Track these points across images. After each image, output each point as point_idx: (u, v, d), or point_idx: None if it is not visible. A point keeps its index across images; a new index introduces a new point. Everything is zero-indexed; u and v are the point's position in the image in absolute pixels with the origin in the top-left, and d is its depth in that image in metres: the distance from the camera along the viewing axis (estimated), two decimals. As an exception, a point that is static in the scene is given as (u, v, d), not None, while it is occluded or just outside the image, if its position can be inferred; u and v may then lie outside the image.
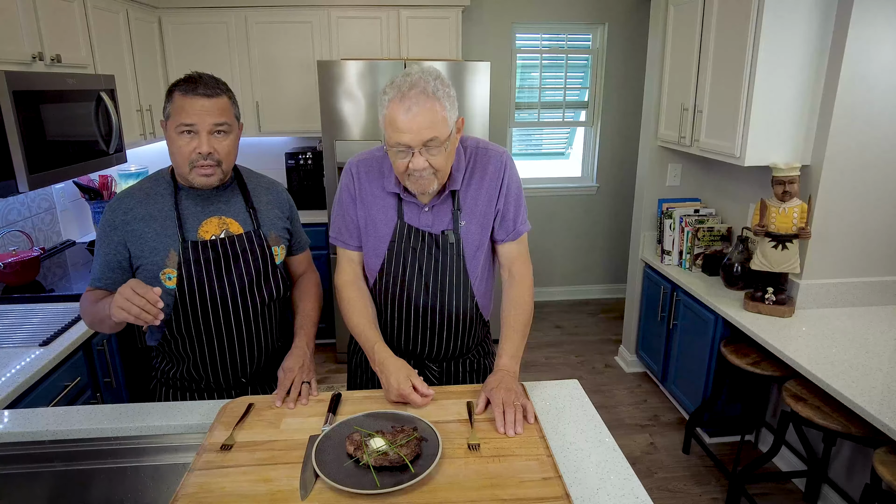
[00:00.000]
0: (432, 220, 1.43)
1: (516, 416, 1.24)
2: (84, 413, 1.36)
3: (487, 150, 1.45)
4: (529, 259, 1.53)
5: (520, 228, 1.48)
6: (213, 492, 1.05)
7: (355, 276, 1.51)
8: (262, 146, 4.03)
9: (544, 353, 3.83)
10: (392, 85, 1.26)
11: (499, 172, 1.43)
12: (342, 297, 1.49)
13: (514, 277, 1.50)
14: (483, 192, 1.43)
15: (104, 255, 1.39)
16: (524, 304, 1.47)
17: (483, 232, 1.45)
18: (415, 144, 1.24)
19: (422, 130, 1.23)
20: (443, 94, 1.25)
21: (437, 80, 1.25)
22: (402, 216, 1.43)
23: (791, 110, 2.31)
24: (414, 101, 1.22)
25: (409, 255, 1.44)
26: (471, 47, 4.08)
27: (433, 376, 1.58)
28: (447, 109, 1.26)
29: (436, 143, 1.25)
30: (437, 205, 1.42)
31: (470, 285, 1.47)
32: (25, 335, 1.89)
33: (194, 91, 1.29)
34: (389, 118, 1.25)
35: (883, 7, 2.10)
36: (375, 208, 1.44)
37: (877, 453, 1.69)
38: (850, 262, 2.38)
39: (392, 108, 1.24)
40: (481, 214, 1.44)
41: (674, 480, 2.57)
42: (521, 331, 1.45)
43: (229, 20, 3.50)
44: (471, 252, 1.45)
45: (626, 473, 1.14)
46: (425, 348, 1.54)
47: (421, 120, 1.22)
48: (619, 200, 4.55)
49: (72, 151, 2.32)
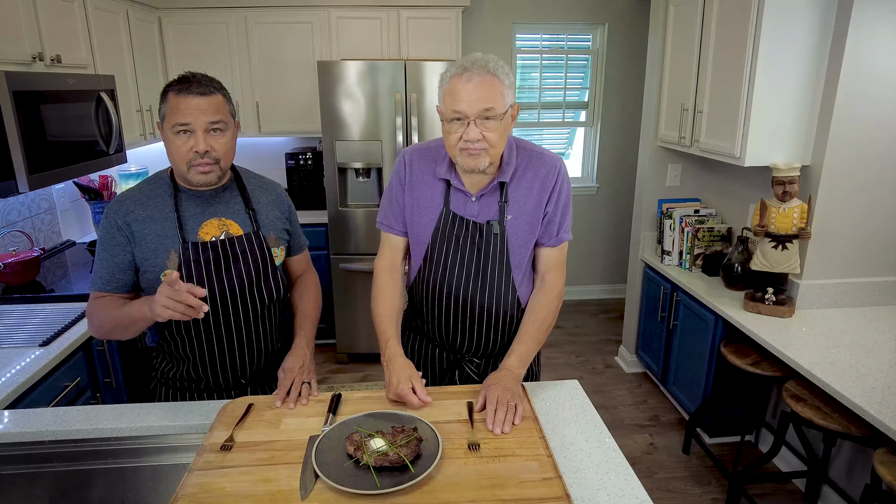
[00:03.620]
0: (478, 210, 1.43)
1: (507, 415, 1.24)
2: (84, 413, 1.36)
3: (543, 154, 1.47)
4: (565, 270, 1.53)
5: (562, 236, 1.49)
6: (213, 492, 1.05)
7: (393, 264, 1.52)
8: (262, 146, 4.04)
9: (544, 353, 3.82)
10: (455, 64, 1.32)
11: (552, 176, 1.44)
12: (376, 281, 1.51)
13: (545, 284, 1.50)
14: (534, 193, 1.44)
15: (111, 258, 1.38)
16: (548, 312, 1.47)
17: (530, 231, 1.46)
18: (471, 113, 1.27)
19: (479, 100, 1.27)
20: (503, 73, 1.30)
21: (499, 62, 1.31)
22: (449, 203, 1.44)
23: (791, 110, 2.31)
24: (475, 73, 1.27)
25: (452, 243, 1.45)
26: (471, 47, 4.07)
27: (472, 372, 1.58)
28: (505, 87, 1.30)
29: (492, 113, 1.28)
30: (484, 195, 1.43)
31: (512, 280, 1.48)
32: (25, 335, 1.89)
33: (188, 90, 1.29)
34: (449, 90, 1.30)
35: (883, 7, 2.10)
36: (424, 194, 1.46)
37: (877, 453, 1.69)
38: (850, 262, 2.38)
39: (453, 81, 1.30)
40: (529, 213, 1.44)
41: (674, 481, 2.57)
42: (537, 337, 1.45)
43: (229, 20, 3.50)
44: (515, 247, 1.45)
45: (626, 473, 1.14)
46: (464, 343, 1.55)
47: (480, 91, 1.27)
48: (619, 200, 4.55)
49: (72, 152, 2.32)
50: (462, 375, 1.59)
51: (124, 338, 1.40)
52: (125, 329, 1.36)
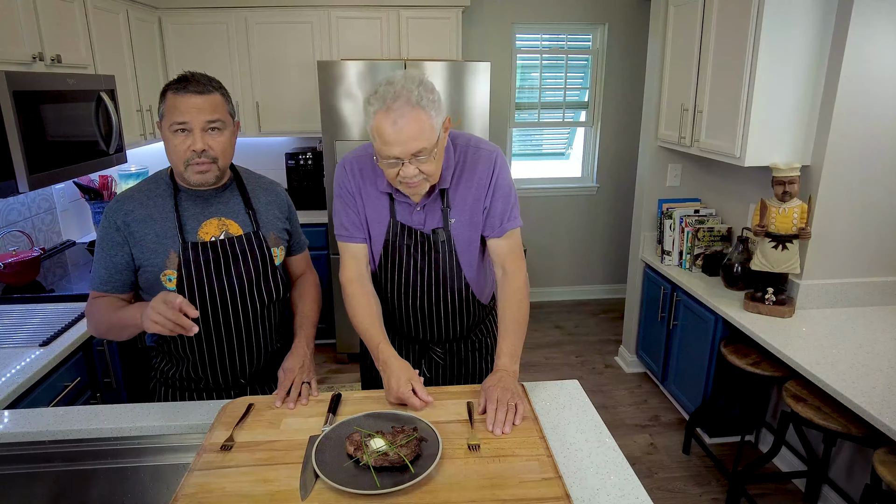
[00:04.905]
0: (424, 219, 1.46)
1: (507, 415, 1.25)
2: (84, 413, 1.36)
3: (479, 148, 1.46)
4: (522, 255, 1.54)
5: (506, 225, 1.48)
6: (213, 492, 1.05)
7: (359, 273, 1.51)
8: (262, 146, 4.03)
9: (544, 353, 3.83)
10: (376, 95, 1.25)
11: (488, 170, 1.44)
12: (346, 294, 1.50)
13: (507, 275, 1.50)
14: (472, 190, 1.45)
15: (109, 258, 1.38)
16: (518, 300, 1.48)
17: (473, 228, 1.48)
18: (404, 156, 1.26)
19: (409, 142, 1.24)
20: (427, 101, 1.24)
21: (421, 86, 1.25)
22: (395, 215, 1.46)
23: (791, 110, 2.31)
24: (399, 114, 1.22)
25: (403, 252, 1.48)
26: (471, 47, 4.08)
27: (438, 357, 1.64)
28: (433, 117, 1.26)
29: (424, 153, 1.26)
30: (427, 203, 1.44)
31: (463, 277, 1.52)
32: (25, 335, 1.89)
33: (186, 89, 1.30)
34: (377, 130, 1.25)
35: (883, 7, 2.10)
36: (370, 206, 1.47)
37: (877, 453, 1.69)
38: (850, 262, 2.38)
39: (378, 120, 1.24)
40: (470, 211, 1.46)
41: (674, 481, 2.57)
42: (517, 329, 1.45)
43: (229, 20, 3.49)
44: (462, 247, 1.49)
45: (626, 474, 1.14)
46: (427, 333, 1.60)
47: (408, 132, 1.23)
48: (619, 200, 4.55)
49: (72, 151, 2.32)
50: (429, 364, 1.66)
51: (121, 338, 1.41)
52: (120, 332, 1.37)
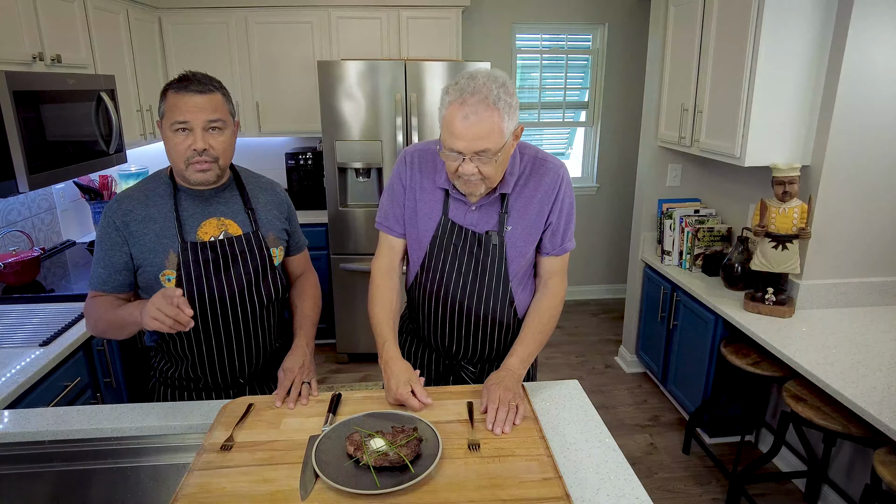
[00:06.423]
0: (477, 220, 1.42)
1: (508, 414, 1.24)
2: (84, 413, 1.36)
3: (546, 161, 1.44)
4: (566, 276, 1.52)
5: (567, 245, 1.48)
6: (213, 492, 1.05)
7: (391, 265, 1.51)
8: (262, 146, 4.04)
9: (544, 353, 3.82)
10: (456, 86, 1.24)
11: (555, 185, 1.42)
12: (373, 282, 1.50)
13: (548, 289, 1.49)
14: (535, 202, 1.42)
15: (108, 258, 1.38)
16: (550, 314, 1.47)
17: (529, 241, 1.44)
18: (467, 152, 1.24)
19: (476, 140, 1.22)
20: (503, 104, 1.22)
21: (502, 87, 1.23)
22: (447, 212, 1.43)
23: (791, 110, 2.31)
24: (472, 109, 1.20)
25: (450, 252, 1.44)
26: (471, 47, 4.08)
27: (468, 377, 1.58)
28: (505, 120, 1.23)
29: (488, 154, 1.24)
30: (484, 205, 1.41)
31: (510, 290, 1.47)
32: (25, 335, 1.89)
33: (186, 89, 1.30)
34: (447, 121, 1.24)
35: (883, 7, 2.10)
36: (423, 200, 1.45)
37: (877, 454, 1.69)
38: (850, 262, 2.38)
39: (451, 111, 1.23)
40: (530, 223, 1.43)
41: (674, 481, 2.57)
42: (538, 339, 1.45)
43: (229, 20, 3.50)
44: (513, 257, 1.44)
45: (626, 474, 1.14)
46: (460, 349, 1.54)
47: (476, 129, 1.21)
48: (619, 200, 4.55)
49: (72, 151, 2.32)
50: (458, 381, 1.59)
51: (119, 338, 1.41)
52: (119, 330, 1.37)
